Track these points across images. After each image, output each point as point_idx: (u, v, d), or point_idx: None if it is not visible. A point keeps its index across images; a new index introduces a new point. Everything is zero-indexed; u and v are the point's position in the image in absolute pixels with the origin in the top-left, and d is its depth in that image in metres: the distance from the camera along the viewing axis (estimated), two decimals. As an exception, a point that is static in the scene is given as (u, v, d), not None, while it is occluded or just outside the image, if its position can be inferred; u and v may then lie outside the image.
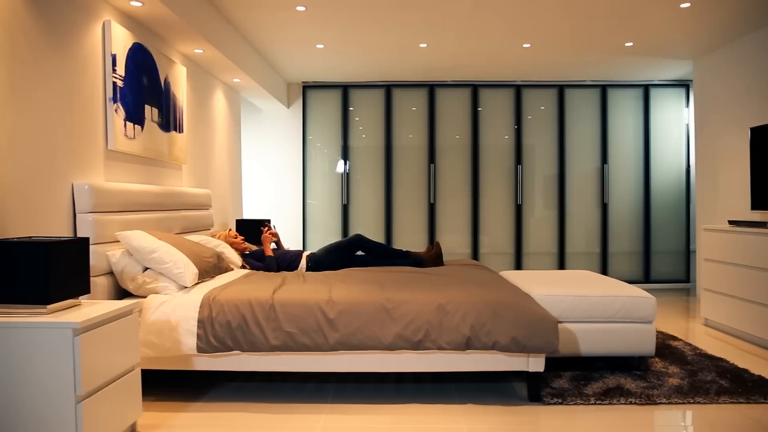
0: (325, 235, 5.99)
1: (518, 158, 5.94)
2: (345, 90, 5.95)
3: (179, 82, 3.79)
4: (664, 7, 3.78)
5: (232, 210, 5.12)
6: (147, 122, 3.33)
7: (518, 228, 5.94)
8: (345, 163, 5.95)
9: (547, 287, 3.07)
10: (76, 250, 2.15)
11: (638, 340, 2.94)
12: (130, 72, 3.13)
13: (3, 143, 2.21)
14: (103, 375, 2.04)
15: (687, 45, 4.66)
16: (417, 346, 2.56)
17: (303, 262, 3.69)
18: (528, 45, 4.62)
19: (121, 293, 2.87)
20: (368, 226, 5.91)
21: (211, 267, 3.07)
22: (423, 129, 5.97)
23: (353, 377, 2.98)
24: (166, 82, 3.59)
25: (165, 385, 2.85)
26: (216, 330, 2.56)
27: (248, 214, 5.98)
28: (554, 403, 2.61)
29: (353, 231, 5.93)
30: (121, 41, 3.04)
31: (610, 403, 2.59)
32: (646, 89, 5.89)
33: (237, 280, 3.02)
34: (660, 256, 5.95)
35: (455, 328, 2.57)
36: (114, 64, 2.96)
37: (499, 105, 5.95)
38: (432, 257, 3.74)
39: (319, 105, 6.02)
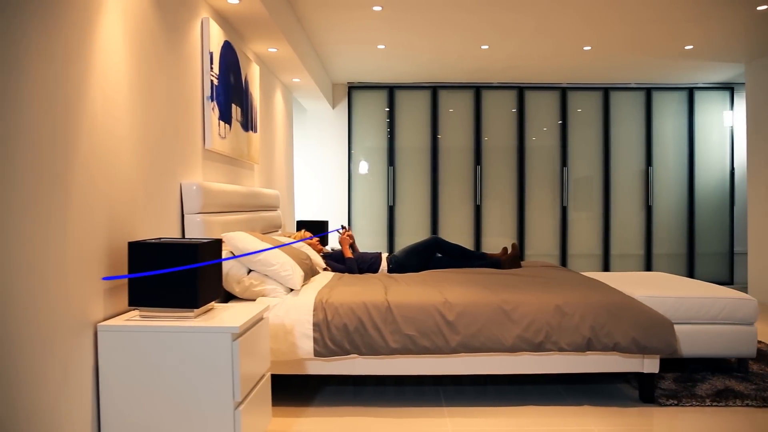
0: (371, 236, 5.95)
1: (563, 160, 5.95)
2: (391, 91, 5.92)
3: (254, 81, 3.73)
4: (739, 9, 3.80)
5: (288, 211, 5.07)
6: (233, 121, 3.28)
7: (563, 230, 5.95)
8: (388, 165, 5.91)
9: (644, 289, 3.07)
10: (213, 252, 2.10)
11: (740, 342, 2.94)
12: (222, 71, 3.08)
13: (134, 142, 2.15)
14: (251, 381, 1.99)
15: (743, 47, 4.70)
16: (538, 347, 2.53)
17: (384, 264, 3.65)
18: (588, 47, 4.63)
19: (225, 296, 2.81)
20: (414, 227, 5.88)
21: (308, 269, 3.01)
22: (469, 130, 5.95)
23: (460, 380, 2.95)
24: (246, 81, 3.54)
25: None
26: (333, 333, 2.52)
27: (297, 215, 5.92)
28: (670, 405, 2.60)
29: (399, 233, 5.90)
30: (216, 39, 2.98)
31: (726, 405, 2.59)
32: (690, 92, 5.94)
33: (335, 283, 2.97)
34: (703, 258, 5.99)
35: (575, 330, 2.55)
36: (211, 62, 2.91)
37: (545, 107, 5.96)
38: (509, 259, 3.72)
39: (365, 106, 5.98)
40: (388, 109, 5.94)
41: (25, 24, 1.52)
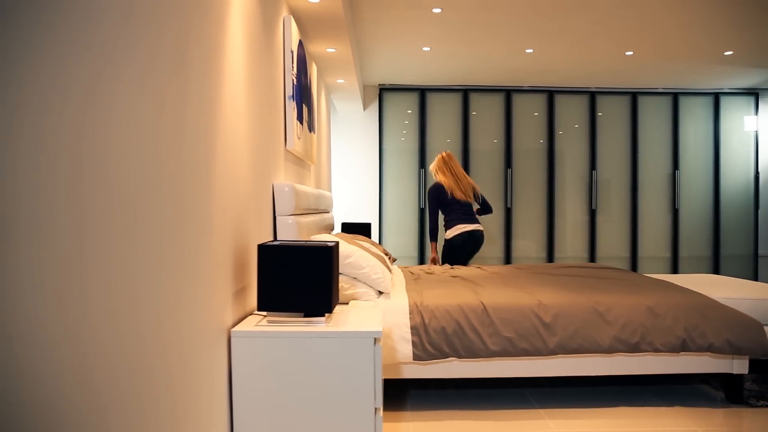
0: (402, 238, 5.92)
1: (592, 164, 6.01)
2: (422, 93, 5.91)
3: (314, 81, 3.69)
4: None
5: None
6: (304, 122, 3.23)
7: (592, 233, 6.01)
8: (419, 168, 5.90)
9: (717, 291, 3.10)
10: (337, 255, 2.06)
11: (812, 342, 2.99)
12: (299, 70, 3.03)
13: (246, 143, 2.11)
14: (380, 386, 1.95)
15: (777, 54, 4.81)
16: (634, 348, 2.54)
17: None
18: (630, 53, 4.69)
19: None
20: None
21: (388, 270, 2.98)
22: (499, 134, 5.98)
23: (547, 382, 2.94)
24: (310, 81, 3.49)
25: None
26: (431, 337, 2.49)
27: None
28: (761, 406, 2.63)
29: (430, 235, 5.87)
30: (295, 38, 2.94)
31: (814, 405, 2.63)
32: (716, 97, 6.06)
33: (416, 285, 2.96)
34: (728, 260, 6.11)
35: (668, 330, 2.57)
36: (292, 61, 2.86)
37: (574, 111, 6.01)
38: None
39: (395, 108, 5.95)
40: (419, 111, 5.93)
41: (189, 22, 1.47)
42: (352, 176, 5.98)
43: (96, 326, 0.96)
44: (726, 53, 4.72)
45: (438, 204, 4.17)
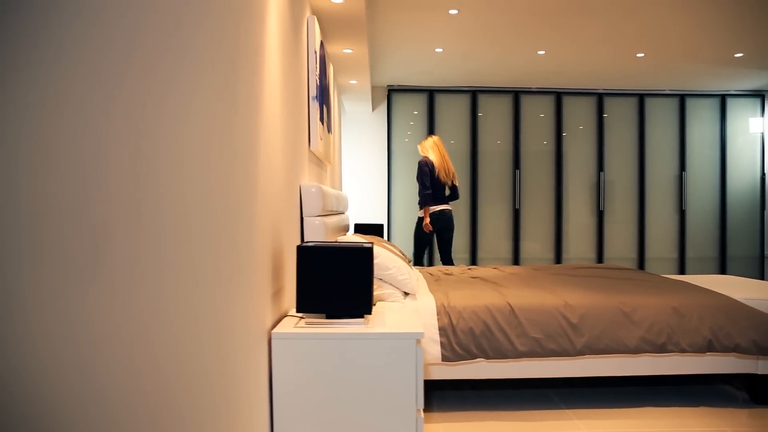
0: (410, 238, 5.92)
1: (600, 165, 6.04)
2: (431, 94, 5.91)
3: (332, 81, 3.68)
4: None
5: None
6: (324, 122, 3.22)
7: (599, 234, 6.03)
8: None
9: (736, 291, 3.12)
10: (372, 256, 2.05)
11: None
12: (320, 70, 3.02)
13: (280, 147, 2.10)
14: (421, 387, 1.95)
15: (785, 57, 4.85)
16: (660, 349, 2.55)
17: None
18: (642, 54, 4.72)
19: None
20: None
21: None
22: (508, 135, 5.99)
23: (560, 383, 2.95)
24: (328, 82, 3.49)
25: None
26: (459, 338, 2.49)
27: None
28: (785, 405, 2.65)
29: (439, 236, 5.87)
30: (318, 39, 2.93)
31: (836, 404, 2.65)
32: (722, 99, 6.10)
33: (440, 286, 2.96)
34: (734, 261, 6.15)
35: (694, 331, 2.58)
36: (315, 61, 2.86)
37: (582, 112, 6.04)
38: None
39: (404, 109, 5.95)
40: (427, 112, 5.93)
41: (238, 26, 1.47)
42: (361, 177, 5.98)
43: (172, 329, 0.96)
44: (736, 55, 4.75)
45: (428, 177, 4.36)
